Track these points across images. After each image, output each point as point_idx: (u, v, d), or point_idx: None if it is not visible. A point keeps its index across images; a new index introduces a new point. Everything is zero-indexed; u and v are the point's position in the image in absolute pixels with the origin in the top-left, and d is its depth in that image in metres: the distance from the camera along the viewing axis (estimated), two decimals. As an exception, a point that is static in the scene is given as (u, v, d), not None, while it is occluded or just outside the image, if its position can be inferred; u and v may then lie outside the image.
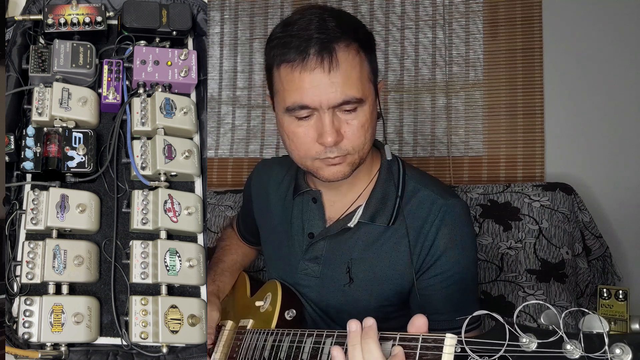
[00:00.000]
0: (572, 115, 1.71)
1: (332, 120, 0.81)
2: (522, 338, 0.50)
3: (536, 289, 1.37)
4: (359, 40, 0.83)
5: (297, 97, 0.81)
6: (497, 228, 1.45)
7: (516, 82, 1.76)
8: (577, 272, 1.44)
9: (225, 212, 1.64)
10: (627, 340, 0.45)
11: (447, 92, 1.81)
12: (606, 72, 1.68)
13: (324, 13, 0.82)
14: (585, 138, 1.70)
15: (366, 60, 0.84)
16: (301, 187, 1.00)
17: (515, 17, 1.77)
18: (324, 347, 0.73)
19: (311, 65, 0.79)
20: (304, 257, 0.98)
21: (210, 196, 1.72)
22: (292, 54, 0.80)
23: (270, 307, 0.97)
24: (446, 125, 1.81)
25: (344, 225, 0.93)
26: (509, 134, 1.76)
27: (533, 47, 1.75)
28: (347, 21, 0.84)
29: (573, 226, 1.45)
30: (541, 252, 1.41)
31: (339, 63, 0.79)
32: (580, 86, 1.71)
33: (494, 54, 1.78)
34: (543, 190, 1.49)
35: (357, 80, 0.81)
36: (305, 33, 0.80)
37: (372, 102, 0.85)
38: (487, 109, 1.78)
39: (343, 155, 0.84)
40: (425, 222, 0.89)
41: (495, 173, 1.77)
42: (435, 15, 1.84)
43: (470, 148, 1.79)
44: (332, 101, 0.80)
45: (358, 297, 0.93)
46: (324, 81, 0.79)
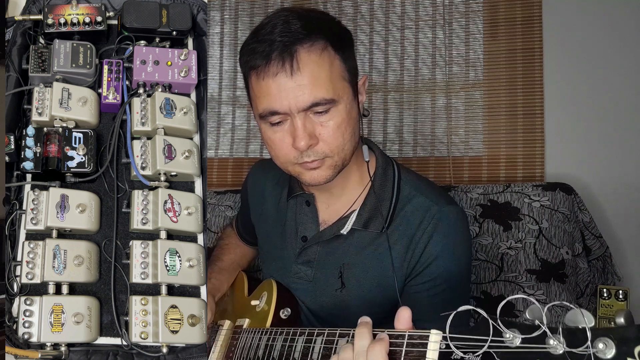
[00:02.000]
0: (572, 115, 1.71)
1: (304, 124, 0.80)
2: (506, 333, 0.49)
3: (536, 289, 1.37)
4: (328, 39, 0.80)
5: (266, 104, 0.80)
6: (497, 228, 1.45)
7: (516, 82, 1.76)
8: (577, 272, 1.44)
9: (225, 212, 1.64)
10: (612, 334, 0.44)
11: (447, 92, 1.81)
12: (606, 72, 1.68)
13: (290, 15, 0.80)
14: (585, 138, 1.70)
15: (338, 58, 0.82)
16: (294, 190, 0.99)
17: (515, 17, 1.77)
18: (315, 345, 0.72)
19: (274, 70, 0.78)
20: (297, 261, 0.98)
21: (210, 196, 1.72)
22: (257, 59, 0.79)
23: (265, 306, 0.97)
24: (446, 125, 1.81)
25: (337, 231, 0.92)
26: (509, 134, 1.76)
27: (533, 47, 1.75)
28: (315, 20, 0.81)
29: (573, 226, 1.45)
30: (541, 252, 1.41)
31: (302, 64, 0.78)
32: (580, 86, 1.70)
33: (494, 54, 1.78)
34: (543, 190, 1.49)
35: (326, 81, 0.79)
36: (269, 38, 0.79)
37: (348, 101, 0.83)
38: (487, 109, 1.78)
39: (320, 158, 0.83)
40: (418, 229, 0.87)
41: (495, 173, 1.76)
42: (435, 15, 1.84)
43: (470, 148, 1.79)
44: (300, 104, 0.79)
45: (349, 302, 0.92)
46: (289, 85, 0.78)
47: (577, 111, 1.71)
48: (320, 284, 0.95)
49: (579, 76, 1.71)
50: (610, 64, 1.68)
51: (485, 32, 1.79)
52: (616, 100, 1.67)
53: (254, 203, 1.11)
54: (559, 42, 1.73)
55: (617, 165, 1.67)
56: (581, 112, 1.71)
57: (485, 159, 1.78)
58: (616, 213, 1.66)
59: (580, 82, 1.71)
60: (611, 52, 1.68)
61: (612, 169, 1.67)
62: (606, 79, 1.68)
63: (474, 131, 1.79)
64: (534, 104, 1.74)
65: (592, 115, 1.69)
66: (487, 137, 1.78)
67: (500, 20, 1.78)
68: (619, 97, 1.67)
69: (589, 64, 1.70)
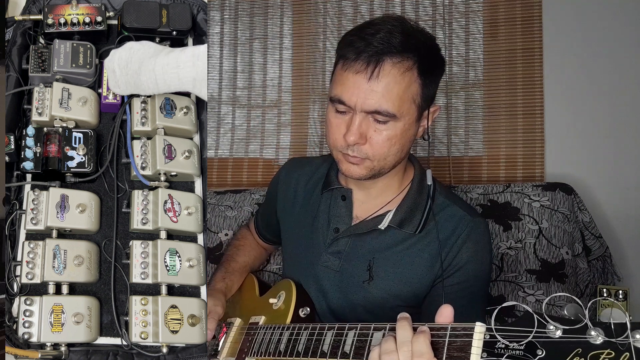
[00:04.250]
0: (572, 115, 1.71)
1: (361, 123, 0.87)
2: (550, 325, 0.54)
3: (536, 289, 1.37)
4: (418, 61, 0.86)
5: (338, 91, 0.87)
6: (497, 228, 1.45)
7: (516, 82, 1.76)
8: (577, 272, 1.44)
9: (225, 212, 1.64)
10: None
11: (447, 92, 1.81)
12: (606, 72, 1.68)
13: (398, 27, 0.86)
14: (585, 138, 1.70)
15: (419, 82, 0.87)
16: (332, 184, 1.04)
17: (515, 17, 1.76)
18: (346, 339, 0.74)
19: (357, 68, 0.85)
20: (327, 250, 1.01)
21: (210, 196, 1.72)
22: (350, 52, 0.86)
23: (283, 305, 0.98)
24: (446, 125, 1.81)
25: (374, 226, 0.97)
26: (509, 134, 1.76)
27: (533, 47, 1.74)
28: (416, 41, 0.86)
29: (573, 226, 1.45)
30: (541, 252, 1.41)
31: (382, 74, 0.84)
32: (581, 86, 1.70)
33: (494, 54, 1.78)
34: (543, 191, 1.49)
35: (396, 96, 0.85)
36: (369, 39, 0.85)
37: (408, 122, 0.88)
38: (487, 109, 1.78)
39: (361, 157, 0.89)
40: (452, 235, 0.95)
41: (495, 173, 1.76)
42: (435, 15, 1.84)
43: (470, 148, 1.79)
44: (365, 106, 0.85)
45: (375, 295, 0.96)
46: (364, 86, 0.85)
47: (577, 111, 1.71)
48: (347, 274, 0.99)
49: (579, 76, 1.71)
50: (610, 63, 1.68)
51: (485, 32, 1.79)
52: (616, 100, 1.67)
53: (284, 197, 1.14)
54: (559, 42, 1.73)
55: (617, 165, 1.67)
56: (581, 112, 1.70)
57: (485, 159, 1.78)
58: (616, 213, 1.65)
59: (581, 82, 1.70)
60: (611, 52, 1.68)
61: (612, 169, 1.67)
62: (606, 78, 1.68)
63: (473, 131, 1.79)
64: (534, 104, 1.74)
65: (592, 115, 1.69)
66: (487, 137, 1.78)
67: (500, 20, 1.78)
68: (619, 97, 1.67)
69: (589, 64, 1.70)
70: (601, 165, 1.68)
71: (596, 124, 1.69)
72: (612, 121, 1.67)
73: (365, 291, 0.97)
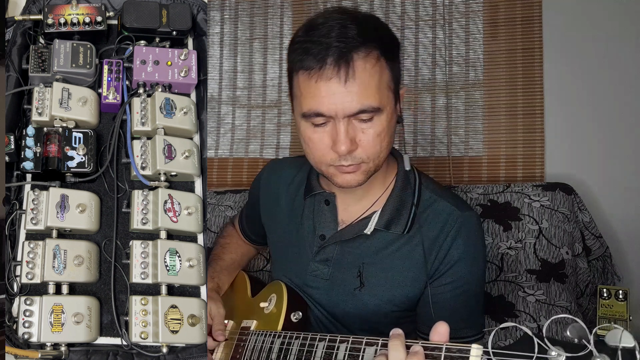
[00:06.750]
0: (572, 115, 1.71)
1: (347, 129, 0.81)
2: (552, 351, 0.50)
3: (536, 289, 1.37)
4: (381, 48, 0.82)
5: (313, 105, 0.81)
6: (497, 228, 1.45)
7: (516, 82, 1.76)
8: (577, 272, 1.44)
9: (225, 212, 1.64)
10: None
11: (447, 92, 1.81)
12: (606, 72, 1.68)
13: (347, 20, 0.81)
14: (585, 138, 1.70)
15: (387, 67, 0.83)
16: (314, 189, 1.00)
17: (515, 17, 1.76)
18: (338, 352, 0.72)
19: (327, 75, 0.79)
20: (314, 259, 0.98)
21: (210, 196, 1.72)
22: (310, 61, 0.80)
23: (275, 309, 0.96)
24: (446, 125, 1.81)
25: (360, 231, 0.93)
26: (509, 134, 1.76)
27: (533, 47, 1.74)
28: (371, 28, 0.82)
29: (573, 226, 1.45)
30: (541, 252, 1.41)
31: (356, 73, 0.79)
32: (581, 86, 1.70)
33: (494, 54, 1.78)
34: (543, 191, 1.49)
35: (375, 90, 0.80)
36: (325, 40, 0.79)
37: (390, 110, 0.84)
38: (487, 109, 1.78)
39: (357, 163, 0.84)
40: (441, 232, 0.90)
41: (495, 173, 1.76)
42: (435, 15, 1.84)
43: (470, 148, 1.79)
44: (347, 110, 0.80)
45: (367, 301, 0.94)
46: (340, 90, 0.79)
47: (577, 111, 1.71)
48: (337, 282, 0.96)
49: (579, 76, 1.71)
50: (610, 64, 1.68)
51: (485, 32, 1.79)
52: (616, 100, 1.67)
53: (267, 203, 1.11)
54: (559, 42, 1.73)
55: (617, 165, 1.67)
56: (581, 112, 1.70)
57: (485, 159, 1.78)
58: (616, 213, 1.65)
59: (580, 82, 1.70)
60: (611, 52, 1.68)
61: (612, 169, 1.67)
62: (606, 79, 1.68)
63: (474, 131, 1.79)
64: (534, 104, 1.74)
65: (592, 115, 1.69)
66: (487, 137, 1.78)
67: (500, 20, 1.78)
68: (619, 97, 1.67)
69: (589, 64, 1.70)
70: (601, 165, 1.68)
71: (596, 124, 1.69)
72: (612, 121, 1.67)
73: (356, 299, 0.94)
